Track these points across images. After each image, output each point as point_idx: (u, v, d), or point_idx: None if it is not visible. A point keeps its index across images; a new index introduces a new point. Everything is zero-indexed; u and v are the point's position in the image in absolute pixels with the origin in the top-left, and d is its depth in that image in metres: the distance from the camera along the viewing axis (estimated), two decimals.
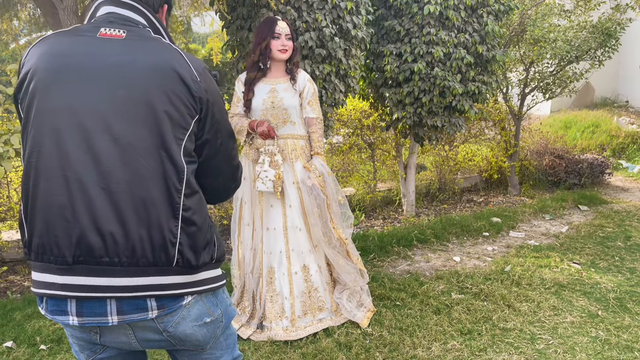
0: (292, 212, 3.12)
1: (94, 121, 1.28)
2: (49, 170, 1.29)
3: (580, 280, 3.87)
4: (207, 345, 1.51)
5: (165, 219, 1.31)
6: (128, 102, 1.30)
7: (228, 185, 1.58)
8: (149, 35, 1.40)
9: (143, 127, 1.30)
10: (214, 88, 1.44)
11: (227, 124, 1.50)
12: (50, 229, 1.29)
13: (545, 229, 5.31)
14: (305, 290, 3.15)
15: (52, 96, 1.30)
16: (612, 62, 8.28)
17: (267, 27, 3.01)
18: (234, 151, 1.54)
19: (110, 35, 1.36)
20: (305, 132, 3.19)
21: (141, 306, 1.35)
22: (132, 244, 1.29)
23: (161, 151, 1.31)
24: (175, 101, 1.33)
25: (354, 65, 4.02)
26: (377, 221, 5.66)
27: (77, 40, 1.36)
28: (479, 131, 6.91)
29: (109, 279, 1.30)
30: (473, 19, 4.69)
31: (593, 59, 6.34)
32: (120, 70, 1.31)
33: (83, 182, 1.27)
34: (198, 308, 1.43)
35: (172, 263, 1.33)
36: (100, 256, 1.28)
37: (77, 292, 1.31)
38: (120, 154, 1.28)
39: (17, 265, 4.26)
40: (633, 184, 7.49)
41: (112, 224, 1.28)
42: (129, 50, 1.34)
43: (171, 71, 1.34)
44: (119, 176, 1.28)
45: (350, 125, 6.06)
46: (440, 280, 3.88)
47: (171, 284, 1.36)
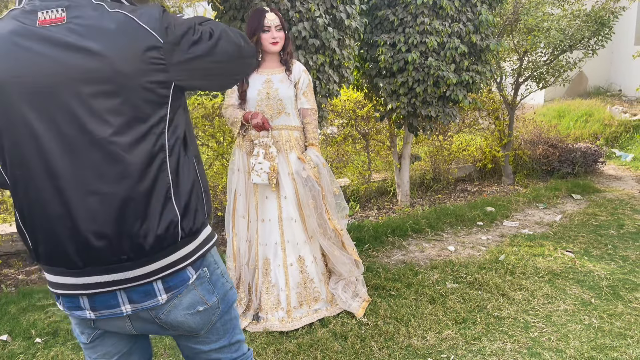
0: (287, 203, 3.12)
1: (70, 126, 1.23)
2: (37, 182, 1.26)
3: (573, 269, 3.90)
4: (201, 331, 1.51)
5: (161, 205, 1.31)
6: (98, 98, 1.22)
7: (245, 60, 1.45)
8: (91, 7, 1.25)
9: (121, 121, 1.24)
10: (180, 31, 1.28)
11: (214, 47, 1.32)
12: (54, 238, 1.30)
13: (539, 218, 5.33)
14: (301, 281, 3.16)
15: (15, 112, 1.23)
16: (605, 51, 8.28)
17: (256, 20, 2.97)
18: (232, 42, 1.36)
19: (49, 22, 1.22)
20: (300, 123, 3.18)
21: (149, 292, 1.37)
22: (137, 240, 1.30)
23: (144, 141, 1.27)
24: (143, 81, 1.24)
25: (348, 55, 4.00)
26: (371, 211, 5.67)
27: (18, 38, 1.23)
28: (473, 121, 6.91)
29: (119, 274, 1.33)
30: (467, 8, 4.67)
31: (586, 48, 6.34)
32: (86, 70, 1.21)
33: (74, 190, 1.26)
34: (190, 297, 1.43)
35: (177, 240, 1.35)
36: (108, 257, 1.30)
37: (88, 290, 1.34)
38: (105, 155, 1.25)
39: (11, 258, 4.24)
40: (626, 173, 7.53)
41: (113, 226, 1.28)
42: (76, 39, 1.21)
43: (130, 51, 1.23)
44: (108, 177, 1.26)
45: (344, 116, 6.05)
46: (435, 270, 3.90)
47: (175, 261, 1.37)
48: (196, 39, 1.29)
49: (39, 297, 3.49)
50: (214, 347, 1.56)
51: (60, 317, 3.22)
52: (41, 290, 3.62)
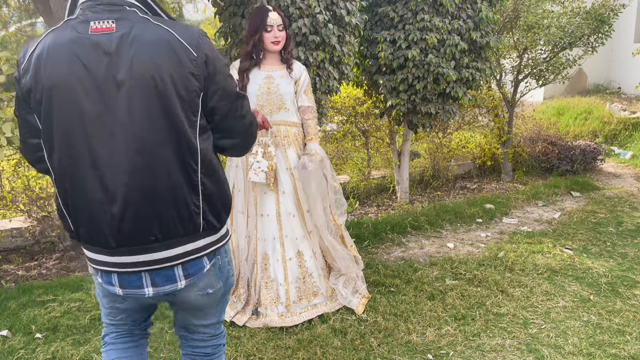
0: (286, 198, 3.12)
1: (114, 125, 1.41)
2: (83, 171, 1.45)
3: (572, 266, 3.91)
4: (205, 309, 1.75)
5: (189, 196, 1.50)
6: (138, 100, 1.40)
7: (245, 142, 1.71)
8: (137, 19, 1.44)
9: (157, 121, 1.42)
10: (213, 55, 1.49)
11: (232, 87, 1.56)
12: (94, 222, 1.49)
13: (538, 215, 5.34)
14: (300, 276, 3.16)
15: (69, 110, 1.42)
16: (605, 48, 8.29)
17: (259, 19, 2.98)
18: (243, 110, 1.62)
19: (101, 30, 1.40)
20: (298, 119, 3.18)
21: (170, 277, 1.57)
22: (163, 224, 1.49)
23: (177, 141, 1.45)
24: (180, 88, 1.42)
25: (348, 52, 4.00)
26: (371, 208, 5.68)
27: (73, 44, 1.41)
28: (472, 118, 6.91)
29: (145, 256, 1.52)
30: (467, 5, 4.67)
31: (586, 45, 6.34)
32: (129, 73, 1.39)
33: (113, 179, 1.44)
34: (205, 281, 1.65)
35: (199, 230, 1.56)
36: (137, 238, 1.49)
37: (118, 269, 1.55)
38: (140, 149, 1.43)
39: (11, 254, 4.24)
40: (625, 170, 7.54)
41: (143, 211, 1.46)
42: (125, 46, 1.39)
43: (168, 58, 1.40)
44: (142, 169, 1.44)
45: (344, 112, 6.05)
46: (434, 267, 3.91)
47: (196, 249, 1.58)
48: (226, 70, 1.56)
49: (38, 292, 3.49)
50: (204, 323, 1.80)
51: (60, 313, 3.23)
52: (41, 285, 3.62)
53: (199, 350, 1.83)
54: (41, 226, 4.22)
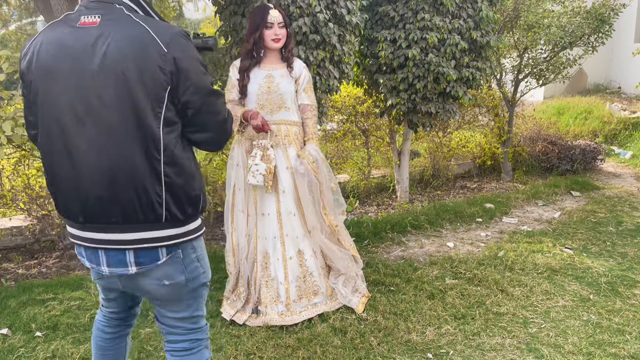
0: (286, 197, 3.12)
1: (85, 109, 1.53)
2: (59, 151, 1.59)
3: (572, 265, 3.91)
4: (168, 301, 1.78)
5: (150, 184, 1.56)
6: (108, 88, 1.51)
7: (219, 137, 1.74)
8: (121, 15, 1.56)
9: (124, 109, 1.51)
10: (187, 54, 1.57)
11: (205, 83, 1.61)
12: (67, 196, 1.63)
13: (538, 214, 5.34)
14: (300, 275, 3.16)
15: (51, 91, 1.56)
16: (605, 48, 8.29)
17: (260, 16, 2.99)
18: (217, 107, 1.68)
19: (87, 24, 1.55)
20: (299, 118, 3.18)
21: (121, 260, 1.64)
22: (123, 207, 1.57)
23: (139, 128, 1.53)
24: (144, 79, 1.51)
25: (348, 51, 4.00)
26: (371, 207, 5.68)
27: (63, 34, 1.56)
28: (472, 117, 6.91)
29: (104, 234, 1.62)
30: (467, 5, 4.67)
31: (586, 45, 6.34)
32: (102, 62, 1.50)
33: (83, 160, 1.55)
34: (160, 272, 1.68)
35: (161, 220, 1.61)
36: (100, 217, 1.60)
37: (84, 243, 1.68)
38: (108, 133, 1.53)
39: (11, 252, 4.24)
40: (625, 170, 7.54)
41: (106, 191, 1.56)
42: (103, 38, 1.52)
43: (139, 52, 1.51)
44: (108, 153, 1.53)
45: (344, 112, 6.05)
46: (434, 266, 3.91)
47: (152, 238, 1.62)
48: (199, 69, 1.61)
49: (38, 291, 3.49)
50: (175, 316, 1.81)
51: (60, 311, 3.23)
52: (41, 284, 3.62)
53: (177, 345, 1.85)
54: (41, 225, 4.22)
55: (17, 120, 3.37)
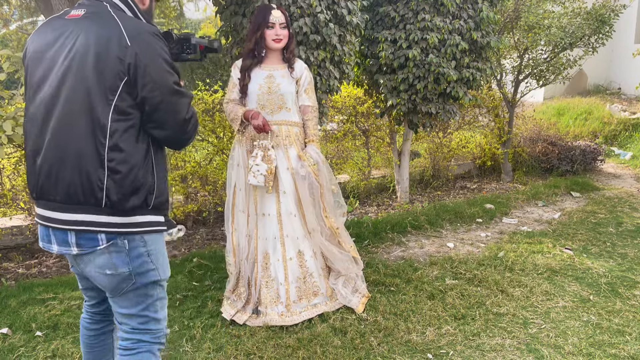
0: (287, 198, 3.12)
1: (56, 91, 1.64)
2: (31, 127, 1.71)
3: (572, 266, 3.91)
4: (112, 292, 1.77)
5: (93, 167, 1.61)
6: (72, 74, 1.62)
7: (178, 136, 1.77)
8: (102, 10, 1.68)
9: (78, 93, 1.61)
10: (150, 50, 1.63)
11: (167, 82, 1.66)
12: (30, 173, 1.73)
13: (537, 215, 5.35)
14: (300, 276, 3.16)
15: (33, 74, 1.71)
16: (605, 49, 8.29)
17: (262, 16, 2.99)
18: (178, 106, 1.71)
19: (72, 16, 1.69)
20: (300, 119, 3.18)
21: (65, 240, 1.69)
22: (66, 186, 1.63)
23: (90, 112, 1.60)
24: (103, 68, 1.59)
25: (349, 51, 4.00)
26: (371, 208, 5.68)
27: (52, 25, 1.71)
28: (472, 118, 6.92)
29: (50, 212, 1.69)
30: (468, 5, 4.67)
31: (587, 45, 6.35)
32: (70, 49, 1.63)
33: (43, 139, 1.66)
34: (102, 259, 1.69)
35: (101, 205, 1.64)
36: (46, 194, 1.68)
37: (39, 220, 1.75)
38: (65, 115, 1.62)
39: (11, 252, 4.24)
40: (625, 171, 7.54)
41: (53, 170, 1.64)
42: (80, 29, 1.64)
43: (103, 42, 1.60)
44: (63, 133, 1.63)
45: (344, 112, 6.05)
46: (434, 266, 3.91)
47: (92, 222, 1.65)
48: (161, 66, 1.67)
49: (39, 290, 3.49)
50: (122, 311, 1.80)
51: (60, 311, 3.23)
52: (41, 283, 3.62)
53: (122, 343, 1.82)
54: None
55: (18, 120, 3.36)
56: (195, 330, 3.00)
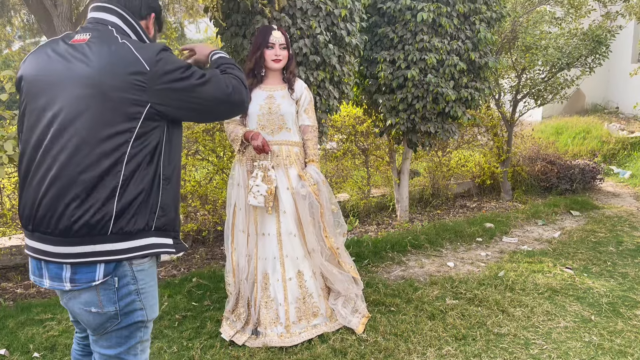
0: (287, 217, 3.12)
1: (63, 119, 1.56)
2: (30, 157, 1.63)
3: (573, 285, 3.89)
4: (94, 331, 1.69)
5: (104, 197, 1.56)
6: (85, 102, 1.55)
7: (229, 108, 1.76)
8: (110, 36, 1.64)
9: (93, 123, 1.55)
10: (171, 67, 1.60)
11: (186, 84, 1.62)
12: (26, 202, 1.64)
13: (538, 234, 5.34)
14: (300, 296, 3.15)
15: (36, 100, 1.63)
16: (602, 69, 8.36)
17: (262, 36, 3.04)
18: (212, 93, 1.67)
19: (77, 41, 1.64)
20: (300, 139, 3.20)
21: (58, 275, 1.61)
22: (70, 219, 1.55)
23: (107, 141, 1.55)
24: (118, 97, 1.55)
25: (348, 71, 4.04)
26: (371, 227, 5.67)
27: (55, 50, 1.65)
28: (471, 137, 6.95)
29: (45, 245, 1.60)
30: (466, 26, 4.73)
31: (584, 65, 6.41)
32: (81, 76, 1.57)
33: (46, 169, 1.58)
34: (89, 295, 1.62)
35: (106, 233, 1.58)
36: (44, 227, 1.59)
37: (31, 252, 1.66)
38: (76, 144, 1.55)
39: (10, 272, 4.22)
40: (624, 190, 7.55)
41: (59, 202, 1.56)
42: (88, 54, 1.59)
43: (118, 69, 1.56)
44: (72, 162, 1.55)
45: (344, 131, 6.08)
46: (435, 286, 3.89)
47: (91, 252, 1.57)
48: (182, 76, 1.62)
49: (37, 311, 3.47)
50: (101, 352, 1.71)
51: (58, 332, 3.20)
52: (39, 304, 3.60)
53: None
54: None
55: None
56: (194, 351, 2.97)
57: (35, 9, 3.58)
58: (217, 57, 1.96)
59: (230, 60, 1.91)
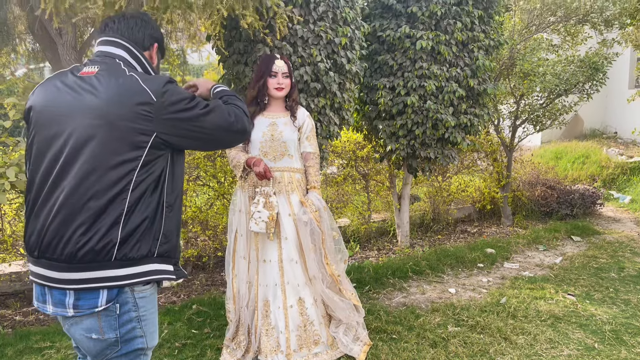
0: (288, 244, 3.11)
1: (72, 150, 1.61)
2: (39, 185, 1.67)
3: (575, 312, 3.87)
4: (94, 358, 1.70)
5: (109, 225, 1.59)
6: (94, 132, 1.60)
7: (229, 136, 1.81)
8: (117, 68, 1.70)
9: (100, 152, 1.60)
10: (176, 98, 1.66)
11: (192, 114, 1.68)
12: (33, 228, 1.66)
13: (539, 260, 5.32)
14: (301, 324, 3.12)
15: (45, 131, 1.67)
16: (600, 94, 8.44)
17: (265, 65, 3.08)
18: (216, 122, 1.73)
19: (86, 73, 1.69)
20: (302, 166, 3.22)
21: (62, 301, 1.63)
22: (75, 246, 1.58)
23: (115, 169, 1.60)
24: (125, 126, 1.60)
25: (348, 98, 4.08)
26: (371, 252, 5.65)
27: (64, 81, 1.70)
28: (471, 162, 6.98)
29: (50, 272, 1.63)
30: (464, 54, 4.80)
31: (581, 92, 6.47)
32: (90, 107, 1.61)
33: (54, 197, 1.62)
34: (90, 321, 1.64)
35: (110, 259, 1.61)
36: (49, 254, 1.61)
37: (36, 278, 1.69)
38: (85, 173, 1.60)
39: (9, 299, 4.20)
40: (624, 215, 7.55)
41: (65, 229, 1.59)
42: (97, 86, 1.64)
43: (126, 100, 1.61)
44: (80, 191, 1.59)
45: (344, 156, 6.11)
46: (436, 313, 3.86)
47: (95, 278, 1.60)
48: (187, 107, 1.68)
49: (36, 339, 3.44)
50: None
51: None
52: (38, 332, 3.57)
53: None
54: None
55: (22, 167, 3.40)
56: None
57: (40, 37, 3.62)
58: (219, 90, 2.03)
59: (231, 92, 1.98)
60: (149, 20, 1.89)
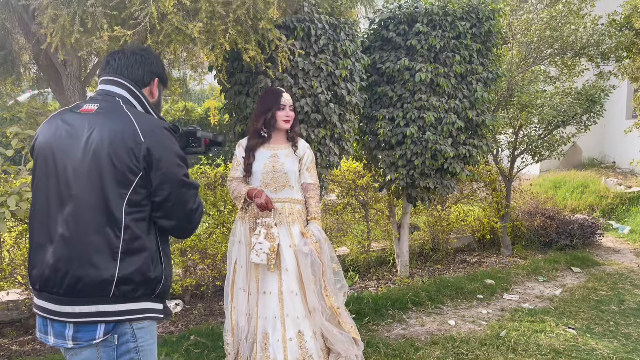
0: (289, 275, 3.10)
1: (68, 187, 1.67)
2: (40, 219, 1.73)
3: (576, 346, 3.83)
4: None
5: (105, 261, 1.63)
6: (87, 168, 1.66)
7: (183, 226, 1.82)
8: (115, 106, 1.77)
9: (93, 187, 1.65)
10: (162, 144, 1.72)
11: (177, 175, 1.74)
12: (35, 263, 1.71)
13: (539, 291, 5.29)
14: (300, 357, 3.09)
15: (45, 167, 1.74)
16: (598, 124, 8.50)
17: (274, 98, 3.12)
18: (186, 197, 1.78)
19: (85, 111, 1.76)
20: (302, 197, 3.23)
21: (62, 333, 1.66)
22: (74, 281, 1.63)
23: (105, 206, 1.65)
24: (117, 163, 1.66)
25: (348, 129, 4.13)
26: (371, 282, 5.63)
27: (65, 118, 1.77)
28: (470, 192, 6.99)
29: (52, 305, 1.67)
30: (463, 86, 4.86)
31: (579, 123, 6.53)
32: (85, 143, 1.68)
33: (54, 232, 1.67)
34: (89, 352, 1.67)
35: (108, 295, 1.65)
36: (50, 287, 1.66)
37: (37, 310, 1.73)
38: (79, 208, 1.65)
39: (5, 327, 4.16)
40: (624, 245, 7.54)
41: (64, 264, 1.64)
42: (94, 124, 1.70)
43: (118, 138, 1.67)
44: (76, 227, 1.64)
45: (344, 185, 6.13)
46: (436, 346, 3.83)
47: (93, 312, 1.64)
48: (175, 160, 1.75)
49: None
50: None
51: None
52: None
53: None
54: None
55: (22, 195, 3.41)
56: None
57: (45, 67, 3.68)
58: None
59: None
60: (149, 55, 1.94)
